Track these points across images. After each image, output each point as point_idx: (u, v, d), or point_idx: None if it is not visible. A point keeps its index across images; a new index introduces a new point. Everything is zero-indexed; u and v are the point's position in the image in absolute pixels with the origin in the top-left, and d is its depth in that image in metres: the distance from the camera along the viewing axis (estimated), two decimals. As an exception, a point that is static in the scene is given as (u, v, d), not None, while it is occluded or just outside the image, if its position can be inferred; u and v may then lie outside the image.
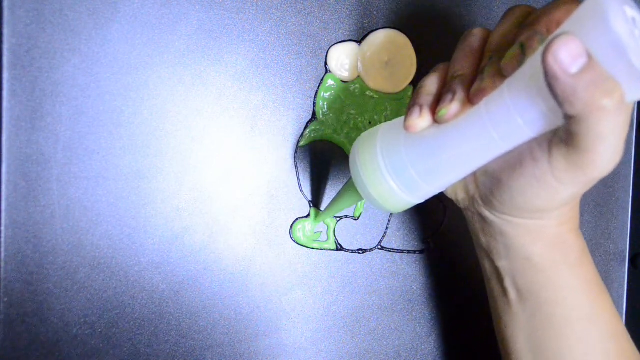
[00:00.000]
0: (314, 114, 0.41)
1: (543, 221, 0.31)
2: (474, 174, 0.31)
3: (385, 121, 0.41)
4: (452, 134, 0.28)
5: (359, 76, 0.41)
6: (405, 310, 0.42)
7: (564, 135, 0.26)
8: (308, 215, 0.41)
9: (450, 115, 0.28)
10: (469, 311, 0.43)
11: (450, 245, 0.43)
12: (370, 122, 0.41)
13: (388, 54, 0.41)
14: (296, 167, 0.41)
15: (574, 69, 0.23)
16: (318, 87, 0.40)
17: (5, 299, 0.36)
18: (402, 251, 0.42)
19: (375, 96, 0.41)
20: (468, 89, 0.28)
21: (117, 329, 0.38)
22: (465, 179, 0.32)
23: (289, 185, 0.40)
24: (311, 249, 0.41)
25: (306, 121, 0.41)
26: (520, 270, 0.32)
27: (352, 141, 0.41)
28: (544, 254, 0.32)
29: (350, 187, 0.35)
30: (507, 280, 0.33)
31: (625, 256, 0.46)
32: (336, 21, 0.41)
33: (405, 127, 0.29)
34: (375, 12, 0.41)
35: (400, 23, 0.42)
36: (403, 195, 0.30)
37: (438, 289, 0.43)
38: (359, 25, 0.41)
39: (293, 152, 0.40)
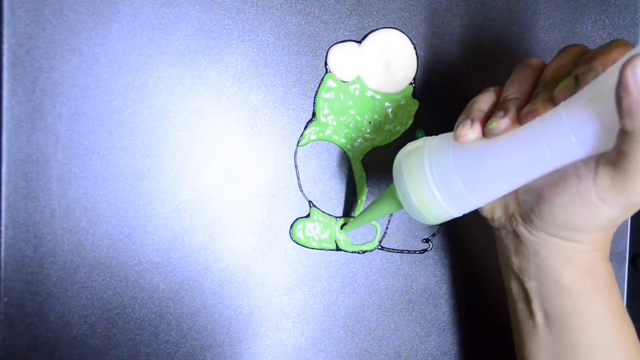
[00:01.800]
0: (314, 114, 0.41)
1: (578, 244, 0.31)
2: (515, 192, 0.32)
3: (385, 121, 0.41)
4: (505, 146, 0.29)
5: (358, 76, 0.41)
6: (405, 310, 0.42)
7: (613, 156, 0.27)
8: (308, 216, 0.41)
9: (500, 129, 0.29)
10: (469, 311, 0.44)
11: (450, 245, 0.43)
12: (370, 122, 0.41)
13: (388, 54, 0.41)
14: (296, 167, 0.41)
15: None
16: (318, 87, 0.40)
17: (5, 299, 0.36)
18: (402, 251, 0.42)
19: (375, 96, 0.41)
20: (519, 110, 0.30)
21: (117, 329, 0.38)
22: (505, 197, 0.32)
23: (289, 185, 0.40)
24: (311, 249, 0.41)
25: (306, 121, 0.41)
26: (550, 293, 0.33)
27: (351, 141, 0.41)
28: (575, 278, 0.32)
29: (388, 196, 0.35)
30: (535, 303, 0.34)
31: (625, 256, 0.46)
32: (336, 21, 0.41)
33: (455, 137, 0.30)
34: (375, 12, 0.41)
35: (400, 23, 0.42)
36: (445, 205, 0.31)
37: (438, 289, 0.43)
38: (359, 25, 0.41)
39: (293, 152, 0.40)
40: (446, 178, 0.30)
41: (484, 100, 0.32)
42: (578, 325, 0.33)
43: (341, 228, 0.41)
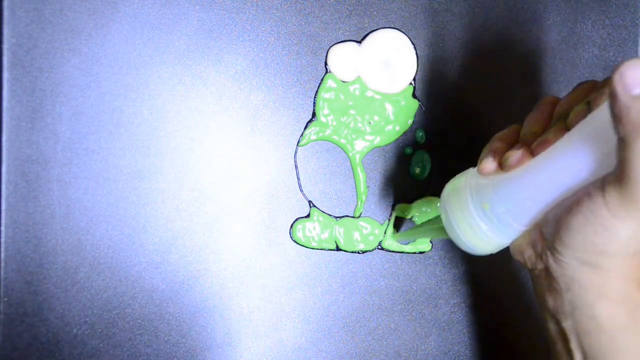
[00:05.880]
0: (314, 114, 0.41)
1: (607, 272, 0.31)
2: (539, 228, 0.33)
3: (385, 121, 0.41)
4: (530, 175, 0.31)
5: (359, 76, 0.41)
6: (405, 310, 0.42)
7: (616, 168, 0.27)
8: (308, 216, 0.41)
9: (513, 161, 0.31)
10: (469, 311, 0.44)
11: (450, 245, 0.43)
12: (370, 123, 0.41)
13: (388, 54, 0.41)
14: (296, 167, 0.41)
15: (635, 91, 0.24)
16: (318, 88, 0.40)
17: (5, 299, 0.36)
18: (402, 251, 0.42)
19: (375, 96, 0.41)
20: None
21: (117, 329, 0.38)
22: (531, 235, 0.33)
23: (289, 185, 0.40)
24: (311, 249, 0.41)
25: (306, 121, 0.41)
26: (586, 330, 0.32)
27: (351, 141, 0.41)
28: (609, 313, 0.31)
29: (436, 227, 0.37)
30: (573, 342, 0.33)
31: None
32: (336, 21, 0.41)
33: (478, 170, 0.33)
34: (375, 12, 0.41)
35: (400, 23, 0.42)
36: (494, 237, 0.33)
37: (438, 289, 0.43)
38: (359, 25, 0.41)
39: (293, 152, 0.40)
40: (490, 211, 0.32)
41: (505, 135, 0.34)
42: None
43: (390, 234, 0.43)
